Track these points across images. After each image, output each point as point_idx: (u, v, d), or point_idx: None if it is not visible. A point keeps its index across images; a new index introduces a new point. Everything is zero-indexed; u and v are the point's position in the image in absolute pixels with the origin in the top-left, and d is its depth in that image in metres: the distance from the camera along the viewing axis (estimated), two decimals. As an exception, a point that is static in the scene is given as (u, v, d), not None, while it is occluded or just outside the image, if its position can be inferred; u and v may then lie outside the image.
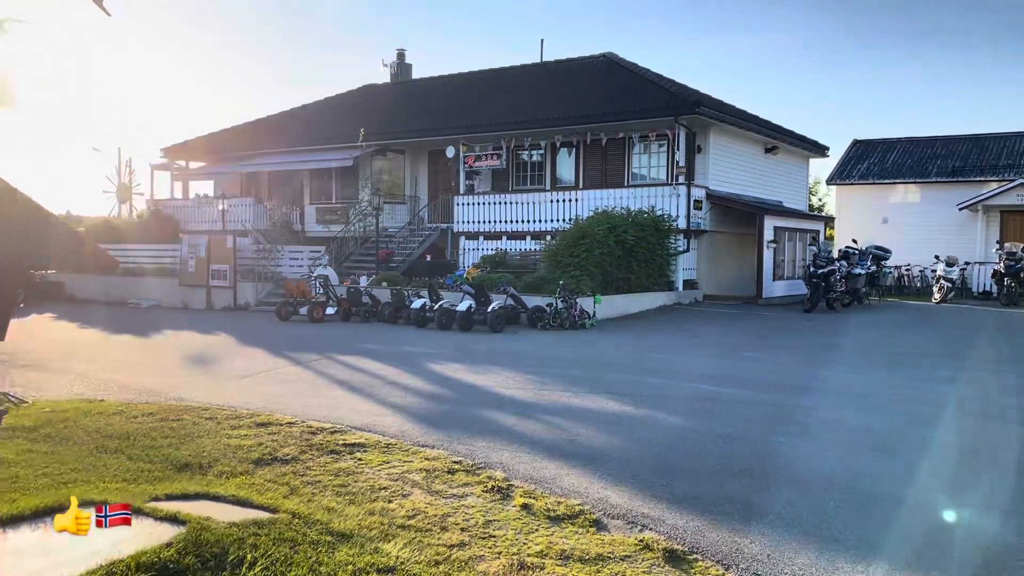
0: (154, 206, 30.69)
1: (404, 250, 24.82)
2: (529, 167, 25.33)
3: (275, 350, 13.21)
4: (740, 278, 24.27)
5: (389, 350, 13.30)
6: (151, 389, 9.66)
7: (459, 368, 11.15)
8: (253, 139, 29.89)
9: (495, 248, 23.82)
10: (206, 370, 11.24)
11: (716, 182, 22.44)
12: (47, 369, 11.16)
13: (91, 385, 9.95)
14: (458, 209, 24.72)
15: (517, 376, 10.45)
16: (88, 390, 9.58)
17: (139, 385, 9.94)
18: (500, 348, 13.47)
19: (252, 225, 27.17)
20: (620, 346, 13.82)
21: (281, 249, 23.73)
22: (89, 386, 9.87)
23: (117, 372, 10.99)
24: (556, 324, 16.41)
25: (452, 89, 29.58)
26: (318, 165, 26.89)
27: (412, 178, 27.54)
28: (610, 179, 23.50)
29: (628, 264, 18.93)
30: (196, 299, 23.28)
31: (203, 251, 23.21)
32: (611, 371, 10.89)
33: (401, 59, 33.75)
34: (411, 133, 26.05)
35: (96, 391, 9.52)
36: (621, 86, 24.03)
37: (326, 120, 30.08)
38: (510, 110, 24.91)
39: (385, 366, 11.41)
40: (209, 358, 12.38)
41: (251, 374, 10.79)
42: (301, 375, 10.71)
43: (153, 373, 10.92)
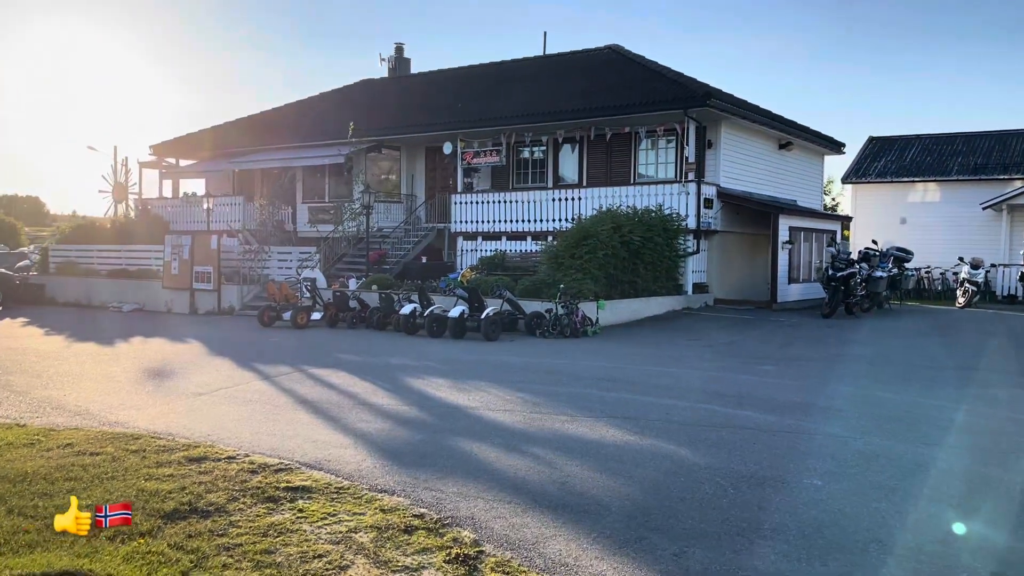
0: (142, 205, 29.56)
1: (398, 251, 23.63)
2: (530, 164, 24.10)
3: (245, 361, 12.02)
4: (752, 281, 23.00)
5: (370, 362, 12.09)
6: (88, 411, 8.46)
7: (443, 384, 9.93)
8: (246, 136, 28.74)
9: (494, 249, 22.60)
10: (160, 386, 10.05)
11: (727, 179, 21.16)
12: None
13: (23, 405, 8.76)
14: (456, 208, 23.52)
15: (507, 394, 9.22)
16: (16, 411, 8.39)
17: (77, 405, 8.75)
18: (492, 359, 12.24)
19: (242, 225, 26.02)
20: (625, 358, 12.58)
21: (269, 250, 22.55)
22: (20, 406, 8.68)
23: (60, 389, 9.81)
24: (556, 331, 15.17)
25: (451, 83, 28.38)
26: (310, 162, 25.70)
27: (408, 176, 26.34)
28: (615, 177, 22.26)
29: (634, 266, 17.68)
30: (179, 303, 22.13)
31: (187, 252, 22.06)
32: (614, 388, 9.65)
33: (399, 53, 32.57)
34: (407, 128, 24.84)
35: (24, 413, 8.33)
36: (627, 79, 22.77)
37: (320, 116, 28.90)
38: (511, 104, 23.68)
39: (361, 381, 10.20)
40: (169, 371, 11.19)
41: (209, 391, 9.59)
42: (264, 393, 9.50)
43: (100, 390, 9.73)
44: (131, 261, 24.91)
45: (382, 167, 28.56)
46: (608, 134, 21.27)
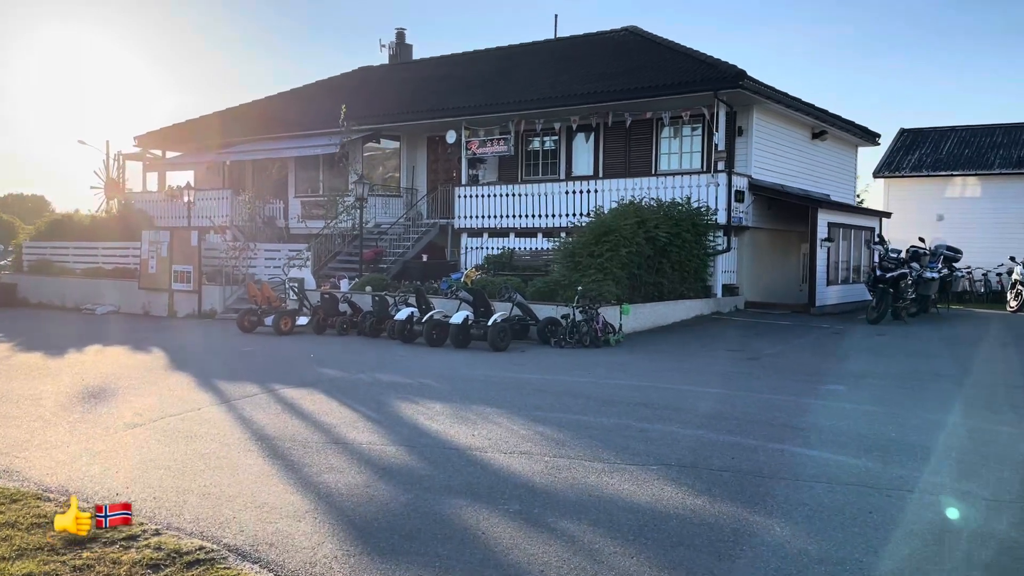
0: (124, 199, 27.66)
1: (397, 249, 21.69)
2: (540, 155, 22.14)
3: (207, 378, 10.08)
4: (783, 282, 21.01)
5: (356, 379, 10.13)
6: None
7: (441, 412, 7.97)
8: (236, 126, 26.77)
9: (501, 247, 20.65)
10: (90, 413, 8.11)
11: (759, 170, 19.16)
12: None
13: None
14: (459, 202, 21.57)
15: (522, 427, 7.27)
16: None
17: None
18: (502, 376, 10.28)
19: (230, 220, 24.09)
20: (659, 374, 10.60)
21: (255, 247, 20.61)
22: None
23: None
24: (573, 340, 13.21)
25: (455, 69, 26.39)
26: (302, 152, 23.76)
27: (409, 168, 24.38)
28: (634, 167, 20.27)
29: (660, 266, 15.70)
30: (157, 305, 20.21)
31: (165, 249, 20.14)
32: (656, 418, 7.69)
33: (400, 39, 30.60)
34: (407, 115, 22.87)
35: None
36: (648, 61, 20.77)
37: (315, 105, 26.92)
38: (520, 89, 21.70)
39: (340, 407, 8.26)
40: (111, 391, 9.25)
41: (148, 420, 7.65)
42: (215, 425, 7.55)
43: (11, 418, 7.80)
44: (108, 259, 23.03)
45: (380, 158, 26.64)
46: (628, 120, 19.26)
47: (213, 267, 19.97)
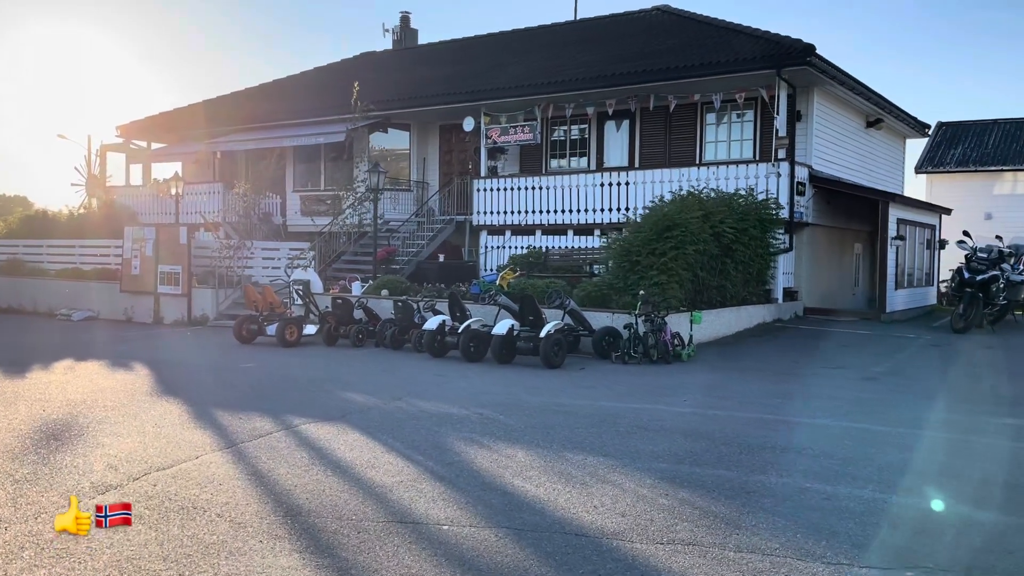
0: (106, 194, 25.33)
1: (409, 248, 19.53)
2: (567, 144, 20.03)
3: (204, 407, 7.91)
4: (839, 286, 19.03)
5: (394, 408, 7.98)
6: None
7: (530, 464, 5.84)
8: (228, 114, 24.45)
9: (527, 246, 18.54)
10: (47, 464, 5.90)
11: (819, 161, 17.15)
12: None
13: None
14: (478, 196, 19.45)
15: (654, 491, 5.16)
16: None
17: None
18: (576, 405, 8.16)
19: (222, 216, 21.85)
20: (771, 401, 8.51)
21: (252, 246, 18.39)
22: None
23: None
24: (638, 355, 11.10)
25: (468, 53, 24.24)
26: (303, 141, 21.53)
27: (419, 159, 22.20)
28: (675, 157, 18.21)
29: (723, 267, 13.63)
30: (141, 310, 17.95)
31: (150, 248, 17.89)
32: (839, 477, 5.59)
33: (405, 24, 28.40)
34: (418, 101, 20.72)
35: None
36: (691, 38, 18.70)
37: (315, 91, 24.71)
38: (546, 71, 19.60)
39: (388, 454, 6.11)
40: (79, 429, 7.05)
41: (128, 478, 5.49)
42: (224, 485, 5.39)
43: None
44: (87, 259, 20.73)
45: (389, 149, 24.45)
46: (672, 104, 17.17)
47: (204, 268, 17.73)
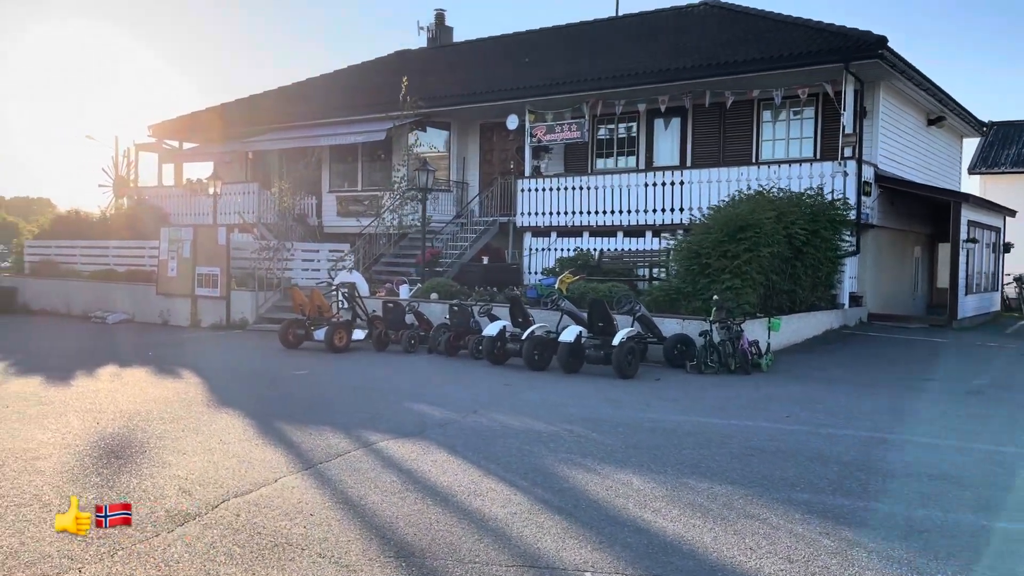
0: (137, 195, 24.90)
1: (452, 250, 18.91)
2: (615, 143, 19.36)
3: (268, 420, 7.30)
4: (899, 290, 18.22)
5: (473, 424, 7.33)
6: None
7: (652, 494, 5.17)
8: (262, 113, 24.01)
9: (574, 248, 17.88)
10: (113, 488, 5.30)
11: (884, 160, 16.37)
12: None
13: None
14: (522, 197, 18.82)
15: (807, 526, 4.48)
16: None
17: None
18: (673, 421, 7.48)
19: (257, 217, 21.34)
20: (882, 417, 7.78)
21: (292, 247, 17.84)
22: None
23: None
24: (715, 364, 10.40)
25: (507, 50, 23.60)
26: (341, 140, 20.99)
27: (459, 160, 21.59)
28: (729, 155, 17.51)
29: (794, 270, 12.90)
30: (178, 313, 17.44)
31: (187, 249, 17.38)
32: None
33: (440, 21, 27.81)
34: (459, 99, 20.12)
35: None
36: (747, 31, 17.97)
37: (350, 90, 24.19)
38: (594, 67, 18.94)
39: (486, 479, 5.46)
40: (140, 445, 6.46)
41: (207, 505, 4.87)
42: (315, 515, 4.76)
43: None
44: (120, 260, 20.27)
45: (426, 149, 23.87)
46: (729, 100, 16.44)
47: (243, 270, 17.19)
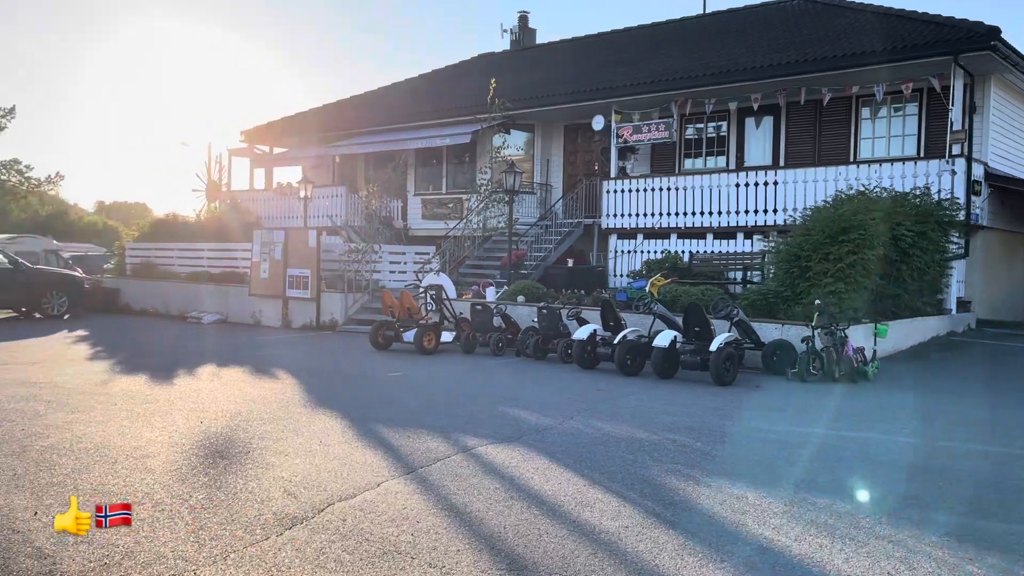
0: (230, 198, 25.65)
1: (536, 253, 18.79)
2: (704, 142, 18.90)
3: (365, 423, 7.30)
4: (1009, 296, 17.20)
5: (571, 430, 7.16)
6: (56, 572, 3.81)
7: (759, 503, 4.89)
8: (348, 118, 24.49)
9: (661, 250, 17.55)
10: (220, 488, 5.34)
11: (993, 157, 15.49)
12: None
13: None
14: (607, 198, 18.56)
15: (948, 551, 4.15)
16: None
17: (39, 547, 4.11)
18: (779, 431, 7.15)
19: (343, 220, 21.70)
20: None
21: (379, 250, 18.04)
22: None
23: (20, 492, 5.22)
24: (818, 371, 9.96)
25: (591, 51, 23.39)
26: (426, 143, 21.16)
27: (543, 161, 21.48)
28: (825, 154, 16.88)
29: (899, 274, 12.29)
30: (270, 313, 17.86)
31: (279, 252, 17.76)
32: None
33: (523, 24, 27.86)
34: (544, 100, 20.01)
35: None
36: (846, 26, 17.28)
37: (434, 94, 24.40)
38: (682, 65, 18.56)
39: (592, 489, 5.27)
40: (243, 446, 6.52)
41: (313, 508, 4.84)
42: (420, 522, 4.67)
43: (111, 496, 5.09)
44: (215, 262, 20.90)
45: (511, 151, 23.85)
46: (826, 97, 15.83)
47: (332, 272, 17.48)
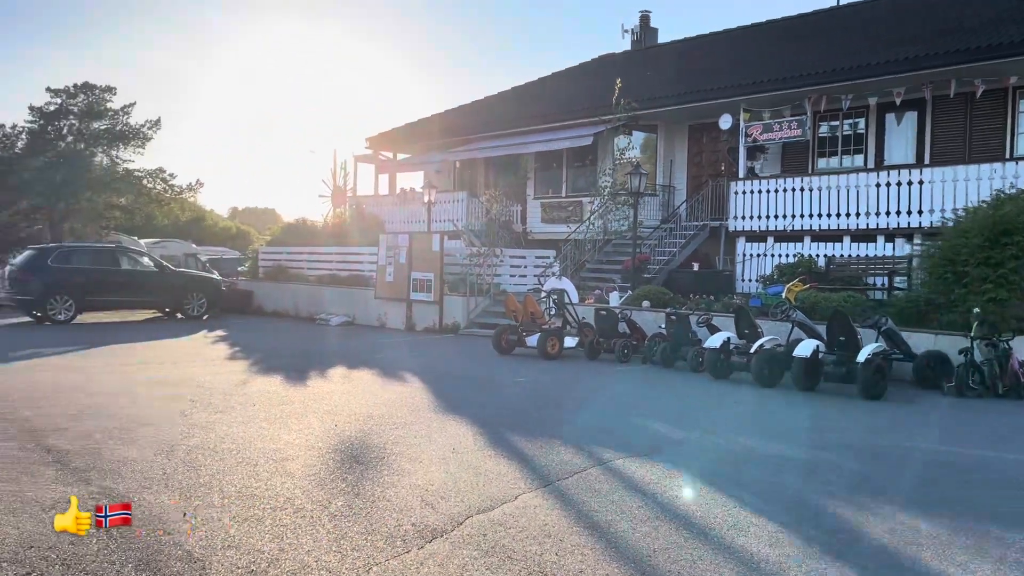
0: (355, 204, 26.35)
1: (659, 256, 18.32)
2: (839, 140, 17.91)
3: (496, 430, 7.17)
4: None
5: (714, 445, 6.78)
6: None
7: (934, 534, 4.40)
8: (468, 123, 24.73)
9: (793, 253, 16.71)
10: (359, 495, 5.30)
11: None
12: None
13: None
14: (735, 200, 17.87)
15: None
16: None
17: (186, 551, 4.16)
18: (945, 452, 6.53)
19: (464, 224, 21.87)
20: None
21: (501, 254, 18.04)
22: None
23: (168, 489, 5.33)
24: (977, 386, 9.14)
25: (715, 49, 22.70)
26: (547, 146, 21.03)
27: (666, 163, 20.94)
28: (976, 151, 15.65)
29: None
30: (394, 316, 18.17)
31: (404, 256, 18.04)
32: None
33: (645, 23, 27.34)
34: (667, 100, 19.50)
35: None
36: (1003, 11, 16.02)
37: (555, 96, 24.28)
38: (812, 60, 17.67)
39: (738, 508, 4.91)
40: (377, 451, 6.51)
41: (451, 520, 4.72)
42: (563, 541, 4.46)
43: (253, 499, 5.14)
44: (342, 265, 21.47)
45: (630, 154, 23.44)
46: (980, 89, 14.68)
47: (454, 275, 17.61)
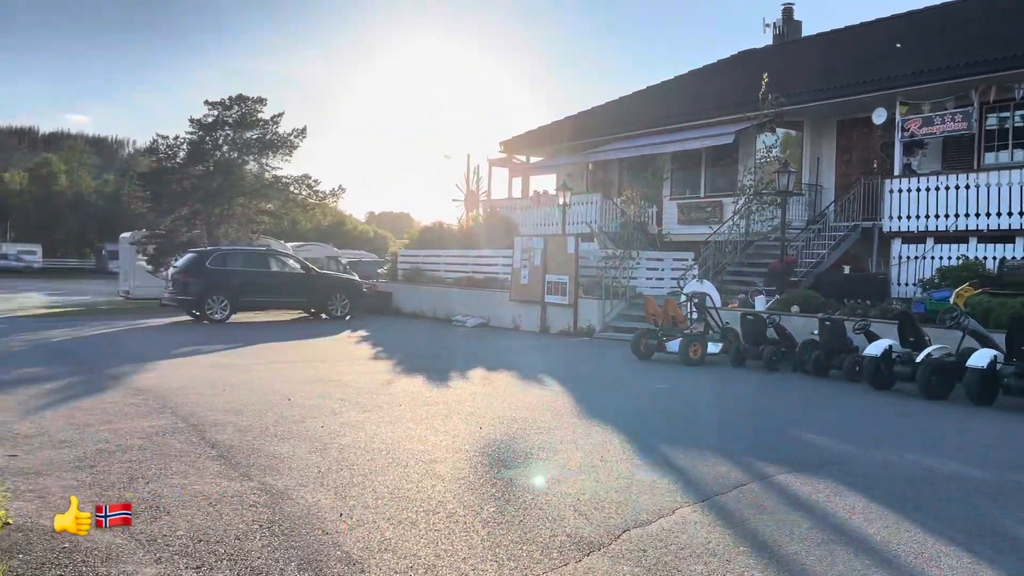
0: (489, 207, 26.61)
1: (807, 259, 17.41)
2: (1011, 134, 16.45)
3: (644, 438, 6.91)
4: None
5: (883, 461, 6.26)
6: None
7: None
8: (602, 124, 24.45)
9: (958, 255, 15.48)
10: (509, 502, 5.19)
11: None
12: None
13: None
14: (890, 199, 16.77)
15: None
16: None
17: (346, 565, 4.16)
18: None
19: (598, 226, 21.63)
20: None
21: (637, 256, 17.68)
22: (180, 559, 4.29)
23: (325, 489, 5.39)
24: None
25: (864, 41, 21.41)
26: (685, 146, 20.45)
27: (813, 160, 19.90)
28: None
29: None
30: (529, 319, 18.17)
31: (539, 258, 18.01)
32: None
33: (788, 16, 26.18)
34: (814, 95, 18.52)
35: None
36: None
37: (693, 95, 23.64)
38: (977, 48, 16.32)
39: (922, 534, 4.47)
40: (522, 456, 6.40)
41: (608, 533, 4.53)
42: (732, 566, 4.18)
43: (405, 501, 5.13)
44: (477, 268, 21.70)
45: (770, 152, 22.48)
46: None
47: (589, 278, 17.41)
